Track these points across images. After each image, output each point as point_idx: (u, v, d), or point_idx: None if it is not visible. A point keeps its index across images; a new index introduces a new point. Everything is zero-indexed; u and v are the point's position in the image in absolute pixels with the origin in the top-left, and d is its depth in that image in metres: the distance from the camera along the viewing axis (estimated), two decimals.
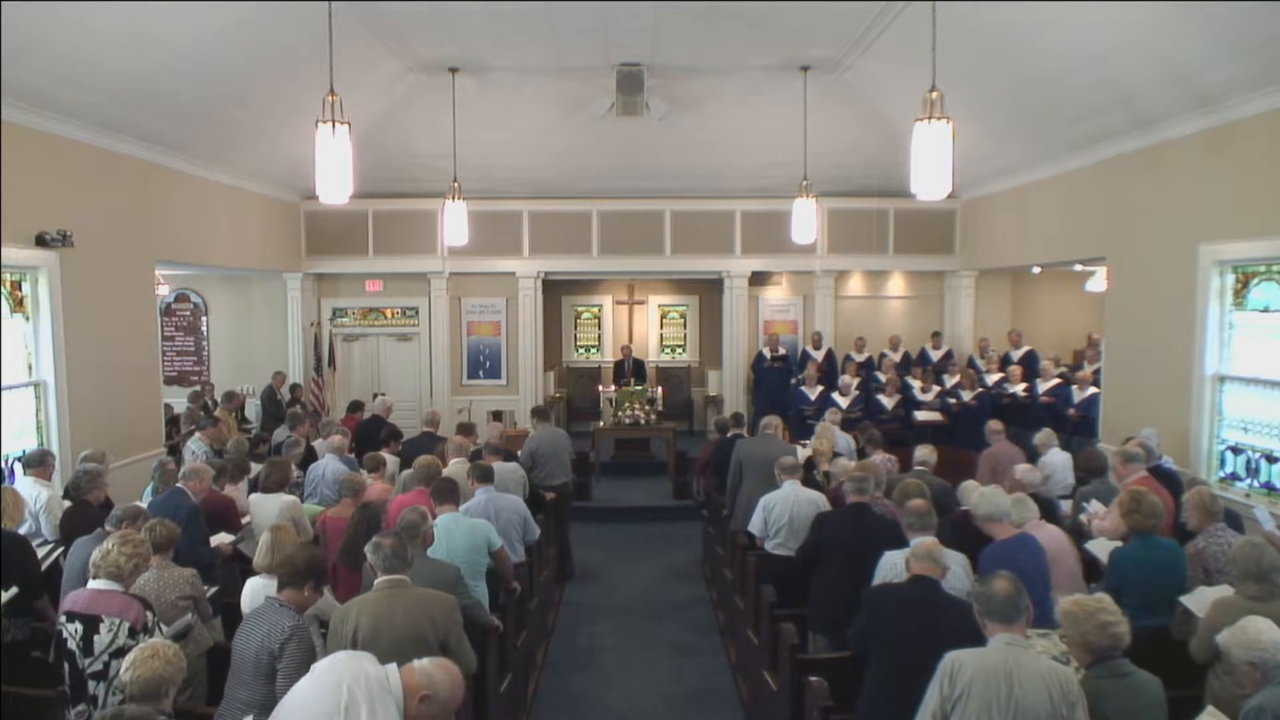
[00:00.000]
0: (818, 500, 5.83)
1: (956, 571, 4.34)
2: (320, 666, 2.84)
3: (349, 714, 2.63)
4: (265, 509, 5.59)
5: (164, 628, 3.76)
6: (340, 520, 5.38)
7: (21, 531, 4.97)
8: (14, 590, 4.44)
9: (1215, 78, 6.18)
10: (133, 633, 3.53)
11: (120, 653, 3.46)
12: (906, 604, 3.75)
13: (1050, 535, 4.78)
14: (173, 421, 9.27)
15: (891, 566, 4.37)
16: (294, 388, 11.17)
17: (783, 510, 5.78)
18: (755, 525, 5.92)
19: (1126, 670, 3.02)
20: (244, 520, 5.94)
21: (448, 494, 5.12)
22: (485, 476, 5.90)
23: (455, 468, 6.44)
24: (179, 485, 5.45)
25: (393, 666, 2.81)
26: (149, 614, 3.65)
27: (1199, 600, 4.02)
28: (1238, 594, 3.67)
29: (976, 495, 4.76)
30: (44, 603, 4.60)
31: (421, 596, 3.72)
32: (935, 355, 11.83)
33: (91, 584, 3.68)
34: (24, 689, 3.89)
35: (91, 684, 3.53)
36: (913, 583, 3.83)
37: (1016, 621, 3.07)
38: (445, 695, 2.80)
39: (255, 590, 4.16)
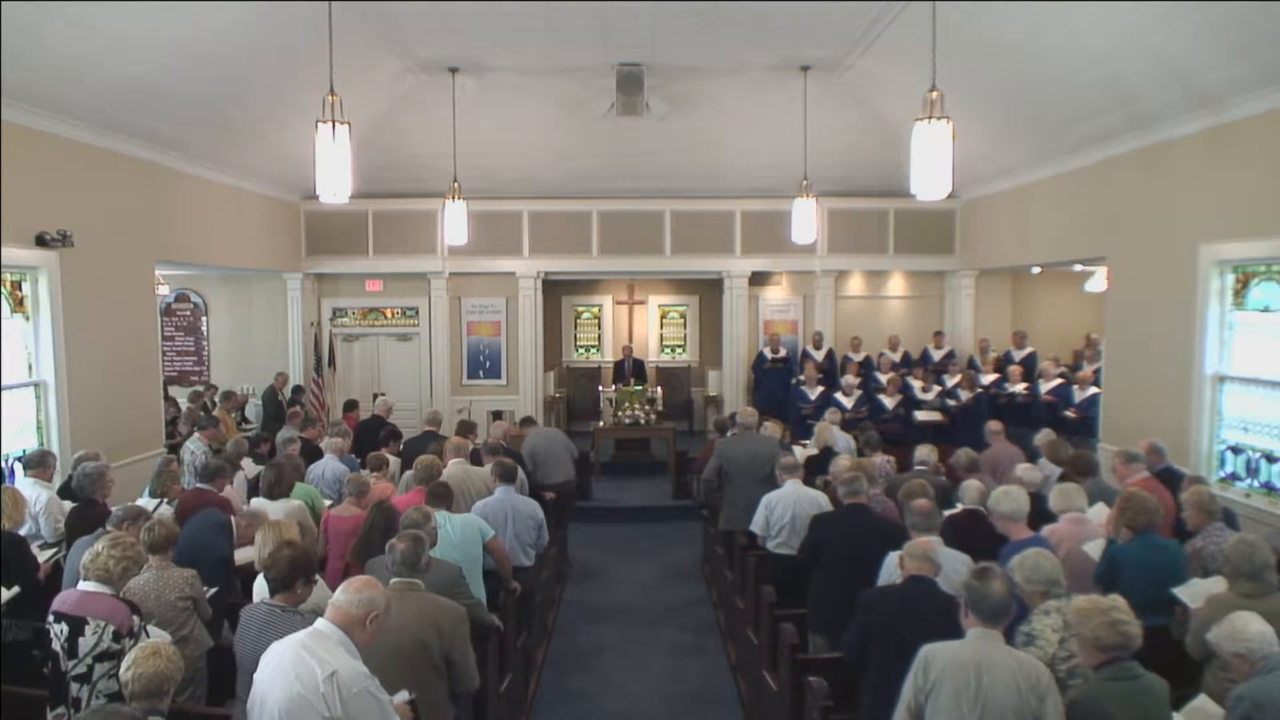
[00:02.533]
0: (819, 500, 5.82)
1: (960, 571, 4.32)
2: (264, 661, 2.95)
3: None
4: (272, 514, 5.56)
5: (149, 632, 3.73)
6: (342, 519, 5.37)
7: (21, 533, 4.96)
8: (15, 589, 4.44)
9: (1215, 78, 6.18)
10: (117, 637, 3.49)
11: (104, 656, 3.43)
12: (906, 605, 3.75)
13: (1081, 532, 4.82)
14: (173, 422, 9.27)
15: (894, 567, 4.37)
16: (296, 389, 11.18)
17: (784, 510, 5.78)
18: (757, 525, 5.92)
19: (1136, 673, 3.01)
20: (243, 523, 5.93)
21: (442, 498, 5.11)
22: (507, 476, 5.88)
23: (455, 468, 6.44)
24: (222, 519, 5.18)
25: (319, 621, 2.95)
26: (136, 618, 3.61)
27: (1192, 592, 4.03)
28: (1231, 591, 3.68)
29: (999, 492, 4.77)
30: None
31: (430, 604, 3.63)
32: (937, 355, 11.83)
33: (81, 585, 3.64)
34: (24, 689, 3.89)
35: (74, 686, 3.49)
36: (910, 583, 3.83)
37: (1000, 624, 3.12)
38: (383, 601, 3.03)
39: (264, 588, 4.15)
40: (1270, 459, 6.49)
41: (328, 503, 6.15)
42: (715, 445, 7.25)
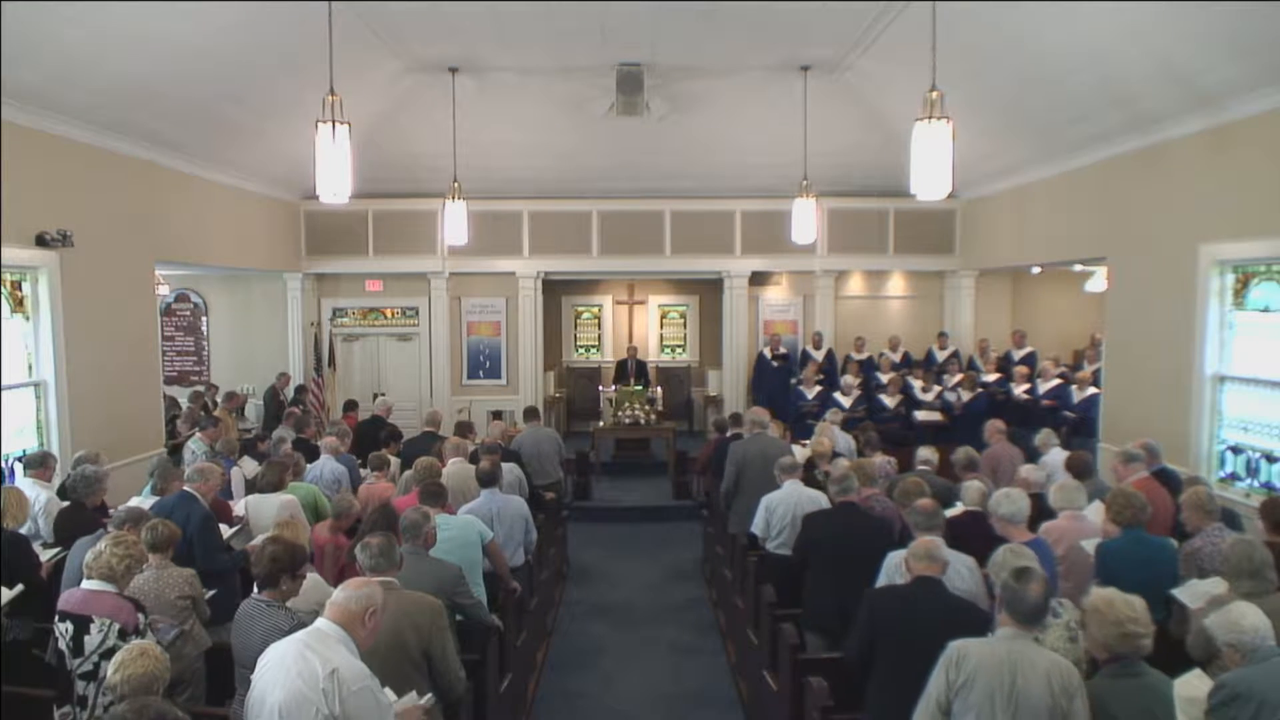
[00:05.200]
0: (819, 500, 5.80)
1: (961, 573, 4.30)
2: (265, 661, 2.94)
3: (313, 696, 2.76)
4: (264, 509, 5.58)
5: (154, 629, 3.74)
6: (321, 539, 5.23)
7: (22, 532, 4.96)
8: (18, 588, 4.44)
9: (1215, 78, 6.18)
10: (123, 634, 3.50)
11: (110, 654, 3.42)
12: (912, 606, 3.71)
13: (1080, 529, 4.82)
14: (172, 420, 9.25)
15: (897, 566, 4.35)
16: (299, 389, 11.18)
17: (785, 511, 5.75)
18: (758, 526, 5.90)
19: (1140, 671, 3.02)
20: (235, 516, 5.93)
21: (436, 497, 5.10)
22: (486, 480, 5.88)
23: (454, 468, 6.44)
24: (186, 489, 5.25)
25: (319, 620, 2.95)
26: (140, 616, 3.63)
27: (1190, 593, 4.03)
28: (1231, 591, 3.68)
29: (1001, 494, 4.76)
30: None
31: (406, 601, 3.60)
32: (941, 356, 11.81)
33: (85, 584, 3.66)
34: (24, 689, 3.89)
35: (81, 684, 3.51)
36: (916, 584, 3.79)
37: (1034, 627, 3.11)
38: (381, 597, 3.05)
39: None
40: (1270, 459, 6.49)
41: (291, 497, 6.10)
42: (730, 449, 7.13)
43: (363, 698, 2.80)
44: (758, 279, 12.56)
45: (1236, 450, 6.78)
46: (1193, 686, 3.20)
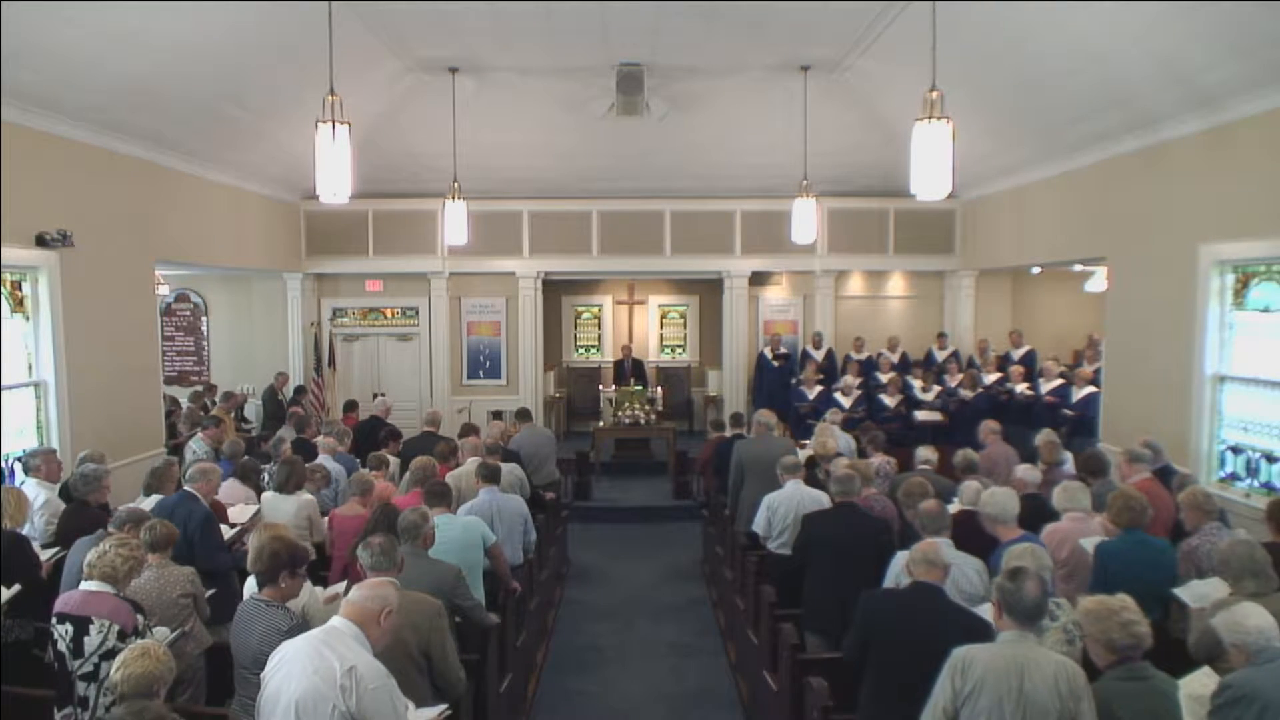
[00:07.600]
0: (822, 499, 5.78)
1: (969, 576, 4.28)
2: (279, 659, 2.93)
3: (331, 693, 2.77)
4: (281, 509, 5.58)
5: (153, 631, 3.74)
6: (348, 519, 5.35)
7: (24, 532, 4.96)
8: (16, 588, 4.44)
9: (1215, 78, 6.18)
10: (122, 635, 3.50)
11: (110, 655, 3.43)
12: (907, 611, 3.69)
13: (1083, 530, 4.82)
14: (169, 414, 9.23)
15: (903, 568, 4.33)
16: (298, 389, 11.18)
17: (787, 510, 5.75)
18: (759, 525, 5.90)
19: (1147, 674, 3.02)
20: (231, 512, 5.92)
21: (440, 497, 5.10)
22: (491, 476, 5.88)
23: (470, 466, 6.42)
24: (187, 489, 5.24)
25: (334, 619, 2.96)
26: (139, 617, 3.62)
27: (1191, 593, 4.03)
28: (1235, 593, 3.67)
29: (986, 494, 4.75)
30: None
31: (406, 601, 3.55)
32: (941, 356, 11.80)
33: (84, 585, 3.64)
34: (24, 689, 3.89)
35: (81, 685, 3.50)
36: (913, 590, 3.76)
37: (1034, 626, 3.11)
38: (396, 598, 3.09)
39: (252, 587, 4.16)
40: (1270, 459, 6.49)
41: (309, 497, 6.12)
42: (734, 447, 7.13)
43: (379, 696, 2.79)
44: (758, 279, 12.56)
45: (1236, 450, 6.78)
46: (1199, 684, 3.20)
